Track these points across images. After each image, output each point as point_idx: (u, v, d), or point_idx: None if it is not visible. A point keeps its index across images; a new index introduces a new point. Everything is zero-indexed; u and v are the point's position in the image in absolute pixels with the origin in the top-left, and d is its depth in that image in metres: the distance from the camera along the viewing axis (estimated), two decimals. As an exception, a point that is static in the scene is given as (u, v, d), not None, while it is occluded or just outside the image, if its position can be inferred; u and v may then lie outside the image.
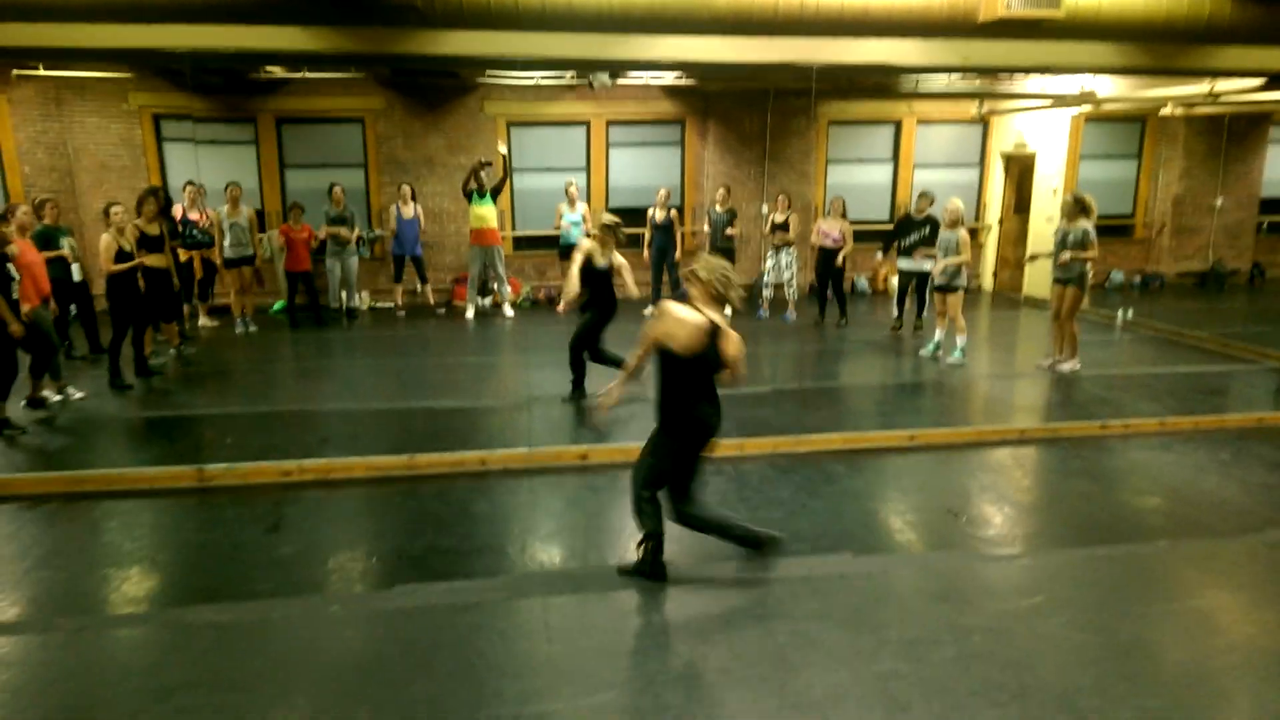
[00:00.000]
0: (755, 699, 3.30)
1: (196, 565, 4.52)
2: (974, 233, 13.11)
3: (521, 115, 12.28)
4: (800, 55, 8.01)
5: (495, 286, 11.56)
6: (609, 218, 7.16)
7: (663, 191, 11.23)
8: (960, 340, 8.68)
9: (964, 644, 3.68)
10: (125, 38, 7.32)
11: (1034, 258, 9.82)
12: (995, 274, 13.62)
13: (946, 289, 8.69)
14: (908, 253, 9.84)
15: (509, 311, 11.33)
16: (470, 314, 11.25)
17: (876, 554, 4.61)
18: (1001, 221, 13.43)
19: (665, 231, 11.17)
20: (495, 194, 11.03)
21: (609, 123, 12.51)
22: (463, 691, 3.37)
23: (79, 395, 7.40)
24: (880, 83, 11.72)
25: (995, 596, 4.15)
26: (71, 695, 3.41)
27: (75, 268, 8.48)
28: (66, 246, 8.37)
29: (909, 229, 9.82)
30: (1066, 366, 8.29)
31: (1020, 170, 13.04)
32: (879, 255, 10.87)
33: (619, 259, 7.10)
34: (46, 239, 8.06)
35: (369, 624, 3.92)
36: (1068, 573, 4.38)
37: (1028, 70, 9.77)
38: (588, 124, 12.47)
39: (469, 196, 10.92)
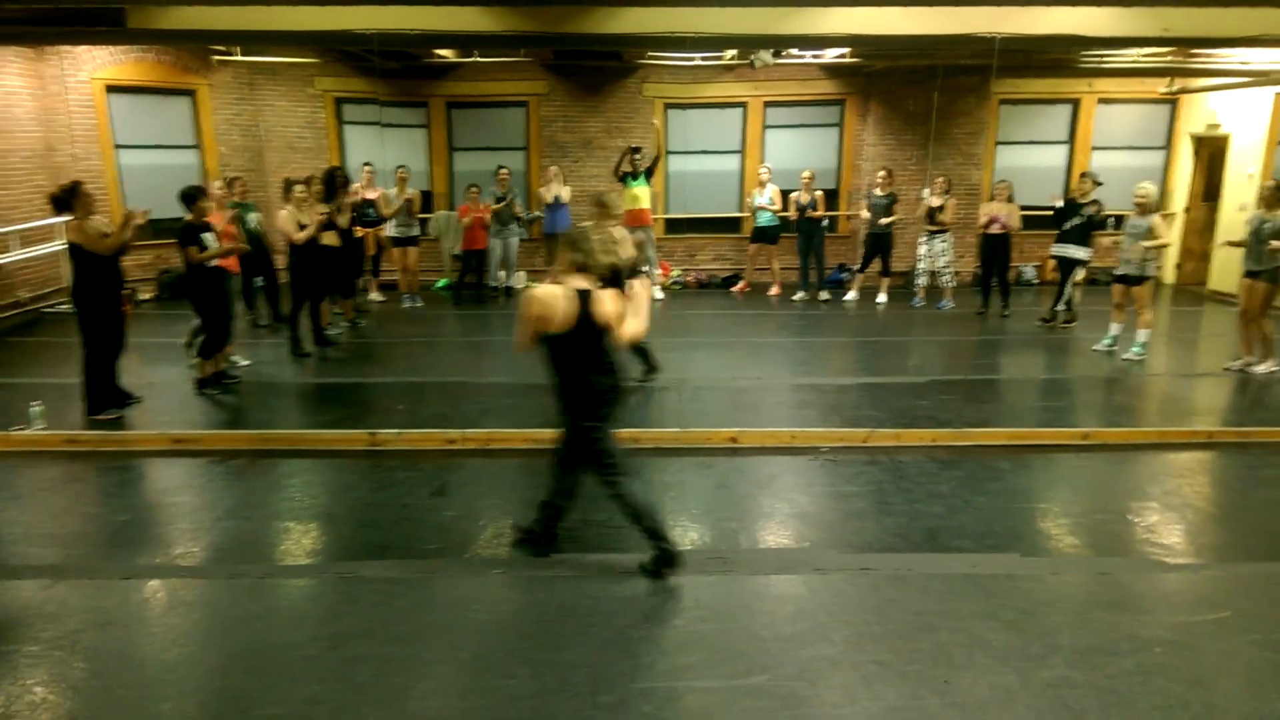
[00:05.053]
0: (915, 695, 3.20)
1: (368, 523, 4.81)
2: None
3: (679, 97, 12.28)
4: (983, 26, 7.57)
5: (645, 269, 11.63)
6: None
7: (806, 173, 11.02)
8: (1143, 334, 8.07)
9: (1143, 656, 3.44)
10: (318, 20, 7.74)
11: (1231, 244, 9.02)
12: (1179, 265, 12.56)
13: (1132, 279, 8.09)
14: (1066, 239, 9.27)
15: (659, 294, 11.40)
16: (620, 295, 11.38)
17: (1045, 556, 4.38)
18: (1188, 209, 12.37)
19: (809, 216, 10.98)
20: (649, 174, 11.03)
21: (766, 103, 12.33)
22: (618, 662, 3.44)
23: (244, 364, 7.84)
24: (1059, 58, 10.95)
25: (1177, 608, 3.86)
26: (253, 638, 3.67)
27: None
28: (254, 222, 9.04)
29: (1069, 214, 9.25)
30: (1262, 368, 7.57)
31: (1211, 154, 11.95)
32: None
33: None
34: (235, 215, 8.69)
35: (528, 588, 4.06)
36: (1259, 588, 4.02)
37: (1235, 43, 8.87)
38: (745, 105, 12.34)
39: (622, 180, 11.02)
